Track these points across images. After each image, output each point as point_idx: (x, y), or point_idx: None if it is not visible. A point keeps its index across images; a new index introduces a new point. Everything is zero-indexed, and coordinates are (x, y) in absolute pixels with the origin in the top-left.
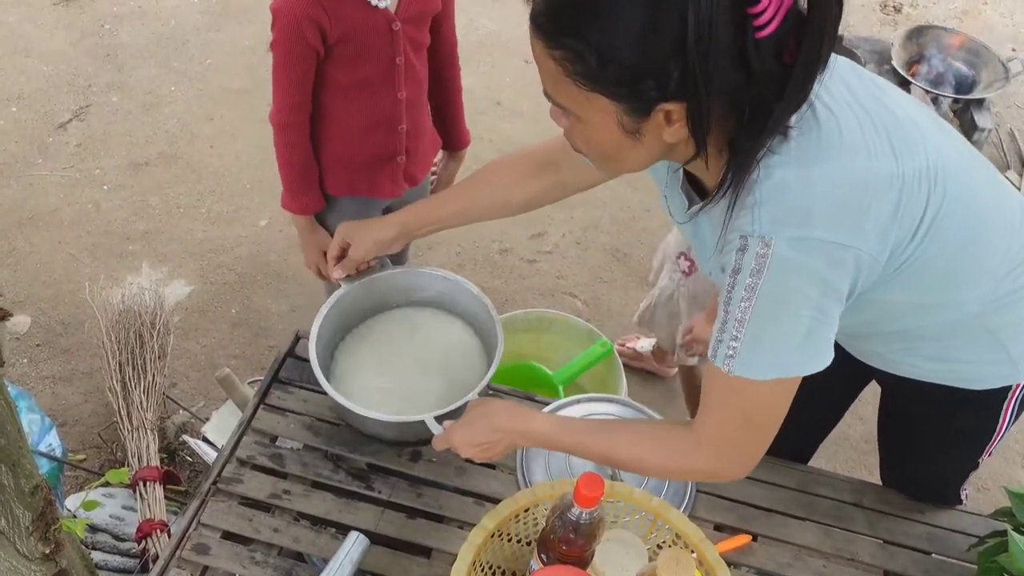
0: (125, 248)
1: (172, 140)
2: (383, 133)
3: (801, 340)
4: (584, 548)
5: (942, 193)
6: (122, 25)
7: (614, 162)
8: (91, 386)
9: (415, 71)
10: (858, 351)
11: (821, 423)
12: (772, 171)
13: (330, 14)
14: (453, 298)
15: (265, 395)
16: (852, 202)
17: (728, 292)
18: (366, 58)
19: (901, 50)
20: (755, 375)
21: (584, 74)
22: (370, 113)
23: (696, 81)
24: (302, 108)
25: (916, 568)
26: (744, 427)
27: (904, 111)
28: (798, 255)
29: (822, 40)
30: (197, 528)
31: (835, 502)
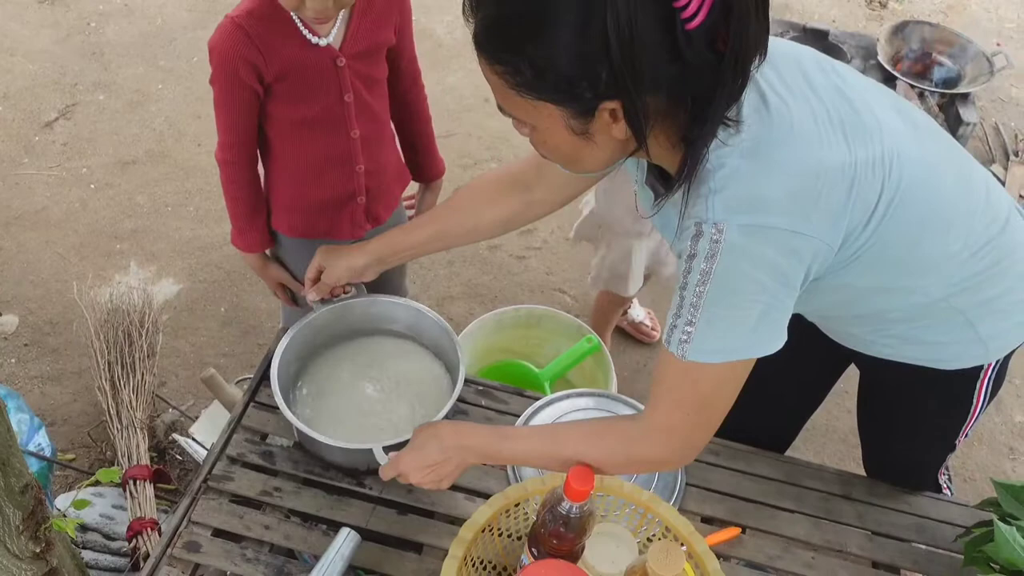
0: (113, 247)
1: (159, 138)
2: (339, 173)
3: (753, 324)
4: (574, 542)
5: (897, 180)
6: (108, 23)
7: (576, 163)
8: (80, 385)
9: (369, 108)
10: (832, 332)
11: (800, 408)
12: (724, 160)
13: (265, 54)
14: (421, 329)
15: (255, 393)
16: (803, 190)
17: (684, 277)
18: (309, 97)
19: (887, 45)
20: (708, 359)
21: (525, 85)
22: (322, 152)
23: (625, 78)
24: (242, 146)
25: (904, 558)
26: (695, 412)
27: (862, 100)
28: (749, 241)
29: (749, 22)
30: (188, 526)
31: (823, 494)
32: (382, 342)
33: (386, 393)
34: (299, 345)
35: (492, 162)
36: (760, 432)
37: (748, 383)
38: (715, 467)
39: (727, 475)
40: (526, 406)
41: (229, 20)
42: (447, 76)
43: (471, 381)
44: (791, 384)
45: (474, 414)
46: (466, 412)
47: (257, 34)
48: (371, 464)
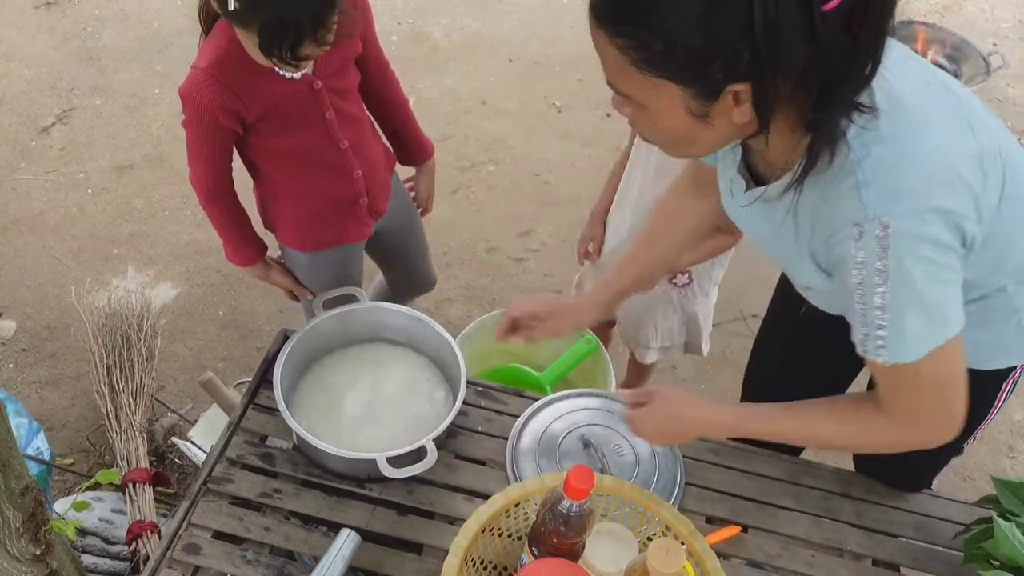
0: (110, 251)
1: (156, 143)
2: (338, 184)
3: (944, 304)
4: (575, 540)
5: (1009, 173)
6: (104, 28)
7: (685, 147)
8: (78, 390)
9: (349, 114)
10: None
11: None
12: (869, 149)
13: (244, 100)
14: (420, 337)
15: (254, 395)
16: (950, 174)
17: (860, 284)
18: (294, 126)
19: None
20: (915, 356)
21: (649, 61)
22: (317, 171)
23: (765, 60)
24: (222, 177)
25: (904, 556)
26: (935, 395)
27: (964, 92)
28: (916, 226)
29: (887, 3)
30: (188, 528)
31: (823, 492)
32: (382, 349)
33: (386, 401)
34: (300, 351)
35: (489, 164)
36: None
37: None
38: (715, 466)
39: (727, 474)
40: (525, 407)
41: (200, 71)
42: (444, 78)
43: (470, 382)
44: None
45: (473, 415)
46: (466, 413)
47: (232, 81)
48: (372, 473)
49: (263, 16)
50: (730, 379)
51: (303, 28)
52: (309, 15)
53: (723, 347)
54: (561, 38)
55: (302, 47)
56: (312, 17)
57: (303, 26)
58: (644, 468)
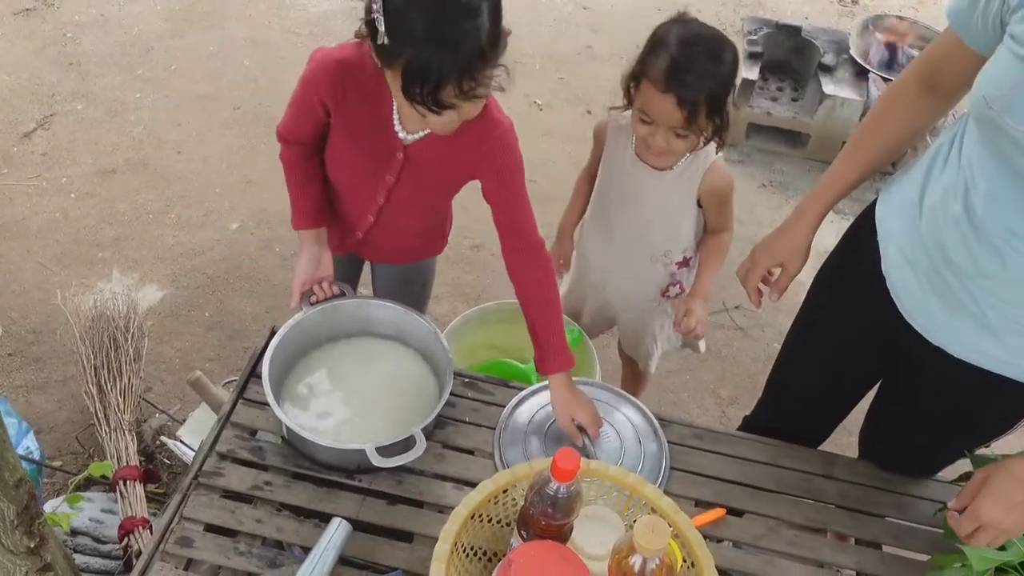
0: (95, 255)
1: (139, 147)
2: (348, 206)
3: None
4: (562, 523)
5: None
6: (84, 34)
7: None
8: (65, 393)
9: (410, 202)
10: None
11: (840, 406)
12: None
13: (342, 103)
14: (408, 330)
15: (243, 390)
16: None
17: None
18: (356, 151)
19: (858, 39)
20: None
21: None
22: (342, 186)
23: None
24: (299, 138)
25: (886, 535)
26: None
27: None
28: None
29: None
30: (180, 522)
31: (805, 474)
32: (370, 343)
33: (374, 392)
34: (288, 345)
35: None
36: (796, 432)
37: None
38: (699, 451)
39: (711, 458)
40: (511, 396)
41: (335, 56)
42: None
43: (458, 373)
44: (832, 390)
45: (461, 406)
46: (453, 404)
47: (343, 81)
48: (361, 463)
49: (410, 53)
50: (714, 370)
51: (447, 72)
52: (458, 61)
53: (707, 339)
54: (540, 37)
55: (443, 92)
56: (461, 64)
57: (447, 70)
58: (630, 453)
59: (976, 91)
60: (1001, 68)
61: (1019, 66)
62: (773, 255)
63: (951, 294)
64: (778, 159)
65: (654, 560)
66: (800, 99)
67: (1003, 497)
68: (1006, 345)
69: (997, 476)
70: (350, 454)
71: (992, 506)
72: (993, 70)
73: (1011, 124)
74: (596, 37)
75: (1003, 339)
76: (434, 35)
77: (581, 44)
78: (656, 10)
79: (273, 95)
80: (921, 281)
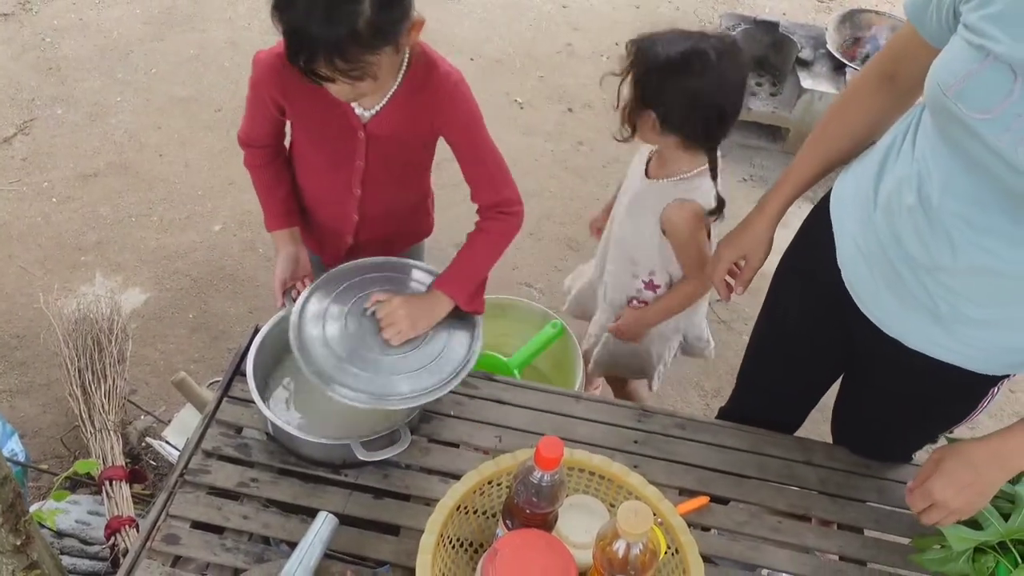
0: (77, 259)
1: (120, 150)
2: (331, 212)
3: None
4: (547, 511)
5: None
6: (64, 38)
7: None
8: (49, 397)
9: (387, 179)
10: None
11: (809, 395)
12: None
13: (289, 95)
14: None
15: (228, 388)
16: None
17: None
18: (322, 146)
19: (835, 34)
20: None
21: None
22: (321, 192)
23: None
24: (259, 140)
25: (866, 519)
26: None
27: None
28: None
29: None
30: (166, 519)
31: (786, 461)
32: None
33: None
34: (272, 342)
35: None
36: (772, 418)
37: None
38: (682, 440)
39: (693, 447)
40: (497, 391)
41: (270, 52)
42: None
43: None
44: (800, 381)
45: (445, 399)
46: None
47: (285, 72)
48: (347, 458)
49: (287, 20)
50: (696, 363)
51: (317, 47)
52: (327, 38)
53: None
54: (520, 36)
55: (316, 64)
56: (332, 41)
57: (317, 45)
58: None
59: (931, 79)
60: (955, 56)
61: (972, 54)
62: (735, 248)
63: (904, 287)
64: (758, 153)
65: (638, 545)
66: (779, 94)
67: (954, 479)
68: (958, 336)
69: (949, 458)
70: (335, 449)
71: (943, 487)
72: (947, 58)
73: (964, 111)
74: (576, 35)
75: (954, 330)
76: (309, 8)
77: (561, 42)
78: (635, 8)
79: None
80: (875, 274)
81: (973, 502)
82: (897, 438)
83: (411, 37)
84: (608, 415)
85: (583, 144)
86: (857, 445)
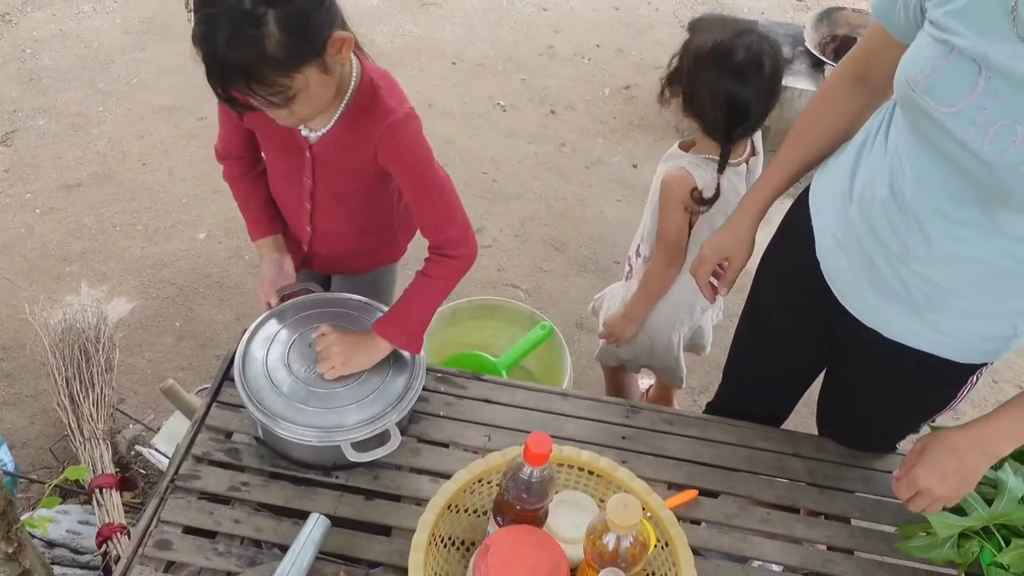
0: (62, 270)
1: (103, 160)
2: (291, 219)
3: None
4: (537, 507)
5: None
6: (44, 49)
7: None
8: (37, 408)
9: (335, 197)
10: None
11: (794, 388)
12: None
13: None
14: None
15: (217, 392)
16: None
17: None
18: (277, 156)
19: (813, 32)
20: None
21: None
22: (281, 195)
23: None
24: (233, 152)
25: (854, 509)
26: None
27: None
28: None
29: None
30: (158, 525)
31: (774, 454)
32: None
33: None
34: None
35: None
36: (756, 414)
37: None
38: (670, 435)
39: (682, 442)
40: (485, 390)
41: None
42: None
43: (430, 369)
44: (784, 374)
45: (434, 400)
46: (427, 399)
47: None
48: (337, 460)
49: (202, 53)
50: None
51: (227, 74)
52: (237, 63)
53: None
54: (502, 39)
55: (234, 91)
56: (240, 67)
57: (226, 71)
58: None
59: (899, 75)
60: (922, 52)
61: (939, 49)
62: (718, 249)
63: (881, 278)
64: None
65: (627, 538)
66: None
67: (937, 467)
68: (934, 326)
69: (933, 447)
70: (326, 451)
71: (927, 474)
72: (914, 54)
73: (933, 105)
74: (557, 38)
75: (931, 320)
76: (215, 36)
77: (542, 45)
78: (615, 9)
79: None
80: (853, 266)
81: (958, 489)
82: (880, 428)
83: (340, 56)
84: (596, 412)
85: (566, 145)
86: (841, 436)
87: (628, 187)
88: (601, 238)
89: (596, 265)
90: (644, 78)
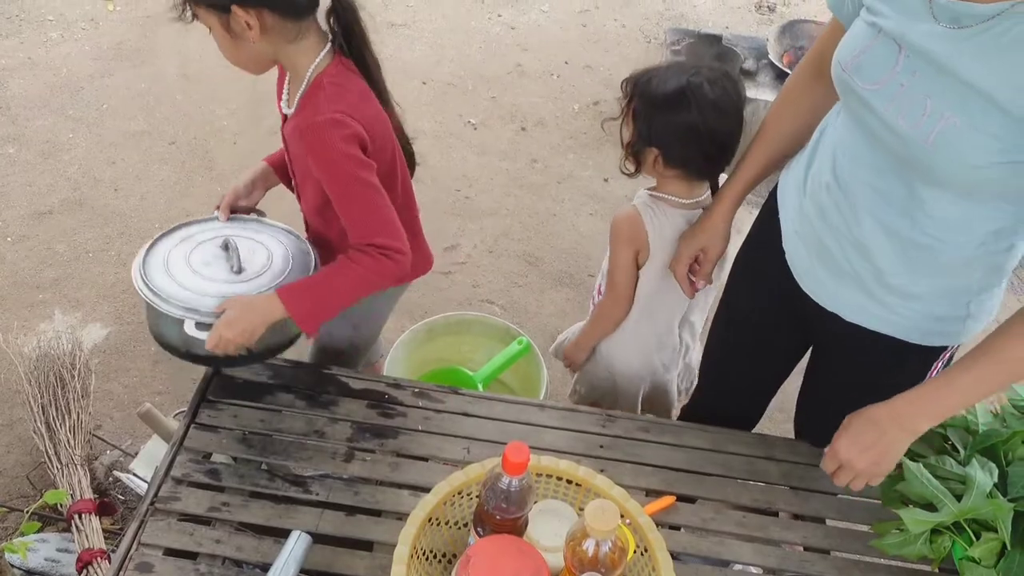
0: (35, 298)
1: (75, 186)
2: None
3: None
4: (517, 516)
5: None
6: (12, 77)
7: None
8: (13, 437)
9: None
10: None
11: (767, 386)
12: None
13: None
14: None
15: (195, 414)
16: None
17: None
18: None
19: (776, 44)
20: None
21: None
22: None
23: None
24: None
25: (828, 509)
26: None
27: None
28: None
29: None
30: (138, 548)
31: (748, 457)
32: None
33: None
34: None
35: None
36: (730, 412)
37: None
38: (646, 443)
39: (657, 449)
40: (463, 404)
41: None
42: None
43: (408, 383)
44: (762, 367)
45: (412, 415)
46: (405, 415)
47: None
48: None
49: None
50: None
51: None
52: None
53: None
54: (471, 58)
55: None
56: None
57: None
58: (276, 265)
59: (835, 58)
60: (854, 35)
61: (868, 31)
62: (694, 242)
63: (832, 259)
64: None
65: (607, 543)
66: None
67: (858, 439)
68: (885, 304)
69: (855, 420)
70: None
71: (848, 447)
72: (848, 38)
73: (859, 84)
74: (525, 56)
75: (881, 298)
76: None
77: (511, 63)
78: (582, 26)
79: (207, 128)
80: (810, 251)
81: (877, 463)
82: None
83: (249, 32)
84: (573, 422)
85: (537, 161)
86: (817, 435)
87: (600, 201)
88: (574, 251)
89: (571, 279)
90: (613, 94)
